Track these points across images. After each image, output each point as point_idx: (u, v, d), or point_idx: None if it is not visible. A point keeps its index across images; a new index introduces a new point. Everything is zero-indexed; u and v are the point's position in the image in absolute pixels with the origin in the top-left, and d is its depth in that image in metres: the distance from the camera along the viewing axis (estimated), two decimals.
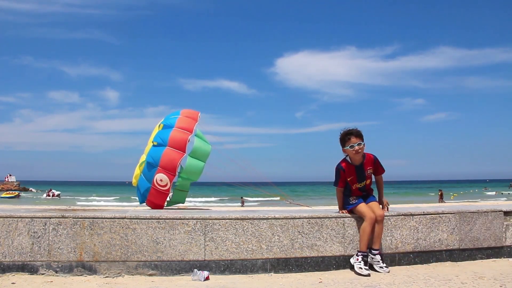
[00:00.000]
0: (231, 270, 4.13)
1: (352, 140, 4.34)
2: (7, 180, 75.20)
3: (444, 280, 3.83)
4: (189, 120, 8.35)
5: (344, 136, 4.42)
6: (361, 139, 4.36)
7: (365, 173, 4.42)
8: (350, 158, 4.43)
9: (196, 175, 8.44)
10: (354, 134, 4.36)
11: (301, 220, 4.27)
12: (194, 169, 8.27)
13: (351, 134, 4.37)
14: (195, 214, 4.24)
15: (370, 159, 4.47)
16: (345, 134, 4.42)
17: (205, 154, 8.39)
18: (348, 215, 4.41)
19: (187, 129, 8.12)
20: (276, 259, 4.20)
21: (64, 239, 4.01)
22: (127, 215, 4.11)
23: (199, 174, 8.41)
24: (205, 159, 8.41)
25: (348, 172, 4.42)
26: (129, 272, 4.03)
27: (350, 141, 4.35)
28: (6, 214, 4.06)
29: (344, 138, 4.41)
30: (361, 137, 4.37)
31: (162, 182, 7.83)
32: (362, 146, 4.35)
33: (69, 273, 3.98)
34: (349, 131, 4.40)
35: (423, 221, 4.54)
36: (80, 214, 4.14)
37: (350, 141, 4.35)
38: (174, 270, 4.07)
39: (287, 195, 13.78)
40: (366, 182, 4.46)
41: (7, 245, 3.97)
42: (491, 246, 4.76)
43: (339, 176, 4.47)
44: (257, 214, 4.30)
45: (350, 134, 4.37)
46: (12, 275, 3.92)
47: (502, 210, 4.84)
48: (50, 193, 53.36)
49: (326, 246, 4.28)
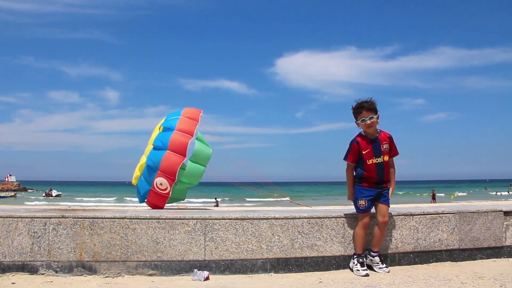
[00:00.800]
0: (231, 270, 4.13)
1: (364, 113, 4.07)
2: (7, 180, 75.23)
3: (444, 280, 3.83)
4: (190, 122, 8.30)
5: (355, 109, 4.15)
6: (373, 112, 4.08)
7: (381, 148, 4.12)
8: (363, 132, 4.17)
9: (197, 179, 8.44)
10: (365, 108, 4.07)
11: (301, 220, 4.27)
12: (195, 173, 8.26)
13: (363, 107, 4.08)
14: (195, 214, 4.24)
15: (386, 135, 4.21)
16: (357, 106, 4.13)
17: (206, 158, 8.37)
18: (348, 214, 4.40)
19: (188, 132, 8.08)
20: (276, 259, 4.19)
21: (64, 239, 4.01)
22: (127, 215, 4.11)
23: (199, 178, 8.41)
24: (206, 162, 8.40)
25: (363, 145, 4.11)
26: (129, 272, 4.03)
27: (361, 115, 4.08)
28: (6, 214, 4.06)
29: (356, 111, 4.14)
30: (374, 110, 4.09)
31: (162, 186, 7.82)
32: (375, 120, 4.08)
33: (69, 273, 3.98)
34: (360, 103, 4.12)
35: (423, 221, 4.53)
36: (80, 214, 4.14)
37: (361, 115, 4.08)
38: (174, 270, 4.07)
39: (287, 195, 13.78)
40: (384, 159, 4.12)
41: (7, 245, 3.97)
42: (491, 246, 4.76)
43: (350, 149, 4.15)
44: (257, 214, 4.30)
45: (362, 107, 4.09)
46: (12, 275, 3.92)
47: (502, 210, 4.84)
48: (51, 192, 53.36)
49: (326, 246, 4.28)
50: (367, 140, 4.13)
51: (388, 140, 4.19)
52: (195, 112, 8.64)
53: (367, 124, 4.07)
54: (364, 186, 4.15)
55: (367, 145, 4.10)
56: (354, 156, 4.14)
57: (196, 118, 8.42)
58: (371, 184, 4.14)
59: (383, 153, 4.12)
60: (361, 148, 4.10)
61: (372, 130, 4.11)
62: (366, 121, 4.06)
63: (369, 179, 4.13)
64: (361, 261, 4.13)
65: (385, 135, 4.20)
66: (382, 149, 4.13)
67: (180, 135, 7.94)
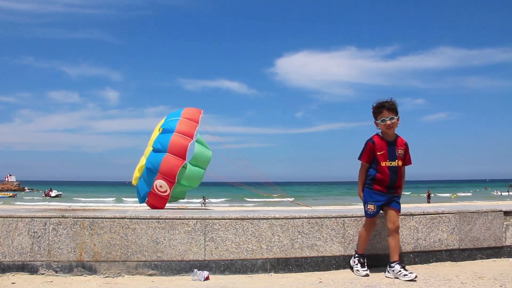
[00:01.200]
0: (231, 270, 4.13)
1: (384, 113, 3.94)
2: (7, 180, 75.25)
3: (444, 280, 3.83)
4: (190, 123, 8.26)
5: (376, 109, 4.02)
6: (394, 113, 3.95)
7: (396, 152, 4.01)
8: (382, 132, 4.05)
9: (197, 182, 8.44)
10: (386, 107, 3.95)
11: (301, 220, 4.27)
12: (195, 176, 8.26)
13: (384, 106, 3.96)
14: (195, 214, 4.24)
15: (402, 141, 4.10)
16: (377, 106, 4.01)
17: (206, 161, 8.37)
18: (348, 214, 4.40)
19: (188, 134, 8.04)
20: (276, 259, 4.19)
21: (64, 239, 4.01)
22: (127, 215, 4.11)
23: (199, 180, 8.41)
24: (206, 165, 8.39)
25: (379, 146, 3.99)
26: (129, 272, 4.03)
27: (382, 114, 3.96)
28: (6, 214, 4.06)
29: (376, 111, 4.01)
30: (395, 111, 3.97)
31: (162, 188, 7.81)
32: (395, 121, 3.96)
33: (69, 273, 3.98)
34: (382, 103, 3.99)
35: (423, 221, 4.53)
36: (80, 214, 4.14)
37: (382, 114, 3.96)
38: (174, 270, 4.07)
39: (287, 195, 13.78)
40: (398, 163, 4.00)
41: (7, 245, 3.97)
42: (491, 246, 4.75)
43: (365, 148, 4.03)
44: (257, 214, 4.30)
45: (383, 107, 3.96)
46: (12, 275, 3.92)
47: (502, 210, 4.84)
48: (49, 193, 53.34)
49: (326, 246, 4.28)
50: (384, 141, 4.01)
51: (404, 147, 4.07)
52: (195, 113, 8.59)
53: (387, 124, 3.95)
54: (375, 189, 4.02)
55: (383, 147, 3.99)
56: (368, 156, 4.02)
57: (196, 120, 8.39)
58: (382, 187, 4.00)
59: (398, 158, 4.01)
60: (376, 148, 3.99)
61: (392, 131, 4.00)
62: (386, 121, 3.94)
63: (382, 182, 4.00)
64: (362, 261, 4.09)
65: (402, 141, 4.09)
66: (397, 153, 4.01)
67: (180, 137, 7.90)
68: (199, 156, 8.20)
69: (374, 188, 4.02)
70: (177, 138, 7.86)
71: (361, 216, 4.39)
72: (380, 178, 3.99)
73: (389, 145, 4.00)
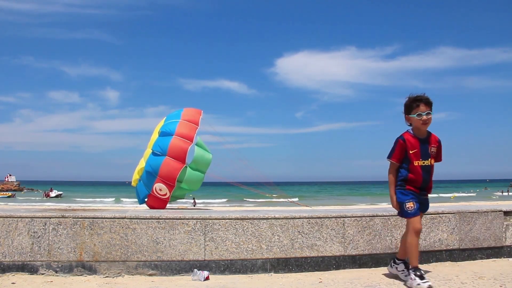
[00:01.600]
0: (231, 270, 4.13)
1: (421, 107, 3.68)
2: (7, 180, 75.26)
3: (444, 280, 3.83)
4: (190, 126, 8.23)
5: (411, 102, 3.75)
6: (430, 108, 3.72)
7: (429, 150, 3.75)
8: (414, 129, 3.78)
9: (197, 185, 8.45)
10: (424, 101, 3.70)
11: (301, 220, 4.27)
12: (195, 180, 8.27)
13: (421, 100, 3.71)
14: (195, 214, 4.24)
15: (435, 138, 3.83)
16: (413, 99, 3.75)
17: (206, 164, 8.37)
18: (348, 214, 4.40)
19: (187, 137, 8.01)
20: (276, 259, 4.20)
21: (64, 239, 4.01)
22: (127, 215, 4.11)
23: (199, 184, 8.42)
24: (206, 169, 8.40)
25: (411, 144, 3.72)
26: (129, 272, 4.03)
27: (418, 109, 3.69)
28: (6, 214, 4.06)
29: (411, 105, 3.74)
30: (431, 106, 3.73)
31: (162, 192, 7.81)
32: (431, 117, 3.71)
33: (69, 273, 3.98)
34: (418, 96, 3.74)
35: (423, 221, 4.52)
36: (80, 214, 4.14)
37: (418, 109, 3.69)
38: (174, 270, 4.07)
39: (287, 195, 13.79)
40: (431, 162, 3.75)
41: (7, 245, 3.97)
42: (491, 246, 4.76)
43: (396, 147, 3.76)
44: (257, 214, 4.30)
45: (420, 101, 3.71)
46: (12, 275, 3.92)
47: (502, 210, 4.85)
48: (50, 192, 53.31)
49: (326, 246, 4.28)
50: (416, 139, 3.74)
51: (437, 144, 3.83)
52: (195, 115, 8.56)
53: (423, 119, 3.67)
54: (408, 189, 3.73)
55: (416, 145, 3.72)
56: (400, 155, 3.74)
57: (196, 121, 8.35)
58: (415, 188, 3.74)
59: (431, 156, 3.77)
60: (408, 146, 3.71)
61: (426, 127, 3.74)
62: (423, 116, 3.67)
63: (414, 183, 3.73)
64: (419, 274, 3.58)
65: (435, 138, 3.84)
66: (430, 151, 3.76)
67: (179, 140, 7.87)
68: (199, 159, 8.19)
69: (407, 188, 3.74)
70: (176, 141, 7.83)
71: (360, 216, 4.40)
72: (413, 178, 3.72)
73: (421, 142, 3.74)
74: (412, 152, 3.70)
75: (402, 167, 3.76)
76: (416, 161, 3.71)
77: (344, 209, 4.92)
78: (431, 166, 3.77)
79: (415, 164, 3.70)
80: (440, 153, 3.86)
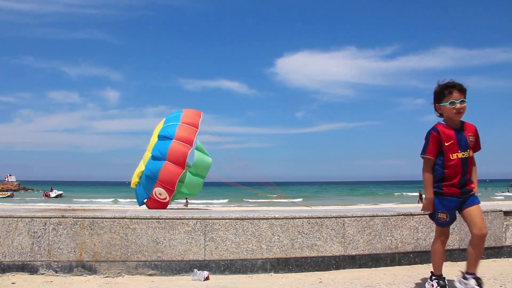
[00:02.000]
0: (231, 270, 4.13)
1: (454, 95, 3.27)
2: (7, 180, 75.28)
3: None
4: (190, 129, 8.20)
5: (442, 89, 3.34)
6: (464, 96, 3.31)
7: (467, 140, 3.33)
8: (446, 119, 3.37)
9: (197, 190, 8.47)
10: (457, 88, 3.29)
11: (301, 220, 4.27)
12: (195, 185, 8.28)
13: (454, 87, 3.29)
14: (195, 214, 4.24)
15: (471, 126, 3.41)
16: (444, 86, 3.34)
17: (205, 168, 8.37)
18: (348, 214, 4.40)
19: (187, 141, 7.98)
20: (276, 259, 4.20)
21: (64, 239, 4.01)
22: (127, 215, 4.12)
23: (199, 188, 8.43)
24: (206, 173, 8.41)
25: (445, 135, 3.29)
26: (129, 272, 4.03)
27: (451, 96, 3.27)
28: (6, 214, 4.06)
29: (443, 92, 3.33)
30: (465, 93, 3.33)
31: (161, 196, 7.80)
32: (465, 106, 3.30)
33: (69, 273, 3.98)
34: (450, 82, 3.34)
35: (423, 221, 4.53)
36: (80, 214, 4.14)
37: (451, 96, 3.27)
38: (174, 270, 4.07)
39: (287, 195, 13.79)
40: (469, 154, 3.33)
41: (7, 245, 3.97)
42: (491, 246, 4.75)
43: (429, 140, 3.32)
44: (257, 214, 4.30)
45: (452, 87, 3.30)
46: (12, 275, 3.92)
47: (502, 210, 4.85)
48: (50, 192, 53.26)
49: (326, 246, 4.28)
50: (451, 129, 3.33)
51: (475, 133, 3.41)
52: (195, 117, 8.53)
53: (456, 108, 3.26)
54: (445, 193, 3.30)
55: (451, 136, 3.30)
56: (435, 149, 3.30)
57: (196, 124, 8.32)
58: (453, 188, 3.29)
59: (470, 146, 3.34)
60: (442, 138, 3.29)
61: (460, 117, 3.33)
62: (456, 104, 3.25)
63: (452, 180, 3.29)
64: (442, 283, 3.39)
65: (470, 126, 3.41)
66: (468, 141, 3.34)
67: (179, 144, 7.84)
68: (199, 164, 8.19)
69: (445, 193, 3.31)
70: (176, 145, 7.80)
71: (360, 216, 4.40)
72: (450, 175, 3.29)
73: (457, 132, 3.32)
74: (448, 144, 3.29)
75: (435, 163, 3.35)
76: (453, 153, 3.28)
77: (344, 209, 4.92)
78: (470, 158, 3.35)
79: (452, 158, 3.28)
80: (479, 142, 3.43)
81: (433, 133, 3.32)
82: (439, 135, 3.30)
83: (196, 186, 8.33)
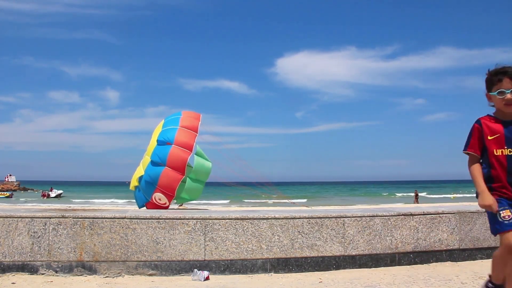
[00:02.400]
0: (231, 270, 4.13)
1: (504, 84, 2.78)
2: (7, 180, 75.29)
3: (444, 280, 3.83)
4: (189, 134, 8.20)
5: (492, 76, 2.86)
6: None
7: None
8: (496, 111, 2.89)
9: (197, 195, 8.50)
10: (509, 75, 2.79)
11: (301, 220, 4.27)
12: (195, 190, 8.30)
13: (505, 73, 2.80)
14: (195, 214, 4.24)
15: None
16: (494, 72, 2.86)
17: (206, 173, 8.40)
18: (348, 214, 4.40)
19: (187, 146, 7.98)
20: (276, 259, 4.19)
21: (64, 239, 4.01)
22: (127, 215, 4.12)
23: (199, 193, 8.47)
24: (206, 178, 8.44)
25: (489, 128, 2.83)
26: (129, 272, 4.03)
27: (500, 84, 2.79)
28: (6, 214, 4.06)
29: (492, 79, 2.85)
30: None
31: (161, 201, 7.82)
32: None
33: (69, 273, 3.98)
34: (502, 68, 2.84)
35: (423, 221, 4.53)
36: (80, 214, 4.14)
37: (500, 84, 2.79)
38: (174, 270, 4.07)
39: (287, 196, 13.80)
40: None
41: (7, 245, 3.97)
42: (491, 246, 4.75)
43: (471, 134, 2.89)
44: (257, 214, 4.30)
45: (504, 74, 2.80)
46: (12, 275, 3.92)
47: None
48: (50, 192, 53.24)
49: (326, 246, 4.28)
50: (499, 122, 2.85)
51: None
52: (194, 120, 8.52)
53: (506, 99, 2.77)
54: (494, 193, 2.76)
55: (497, 129, 2.83)
56: (478, 143, 2.86)
57: (195, 128, 8.31)
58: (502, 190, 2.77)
59: None
60: (485, 132, 2.84)
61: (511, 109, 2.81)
62: (506, 94, 2.76)
63: (500, 182, 2.78)
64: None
65: None
66: None
67: (179, 150, 7.84)
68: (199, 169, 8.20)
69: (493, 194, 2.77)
70: (176, 150, 7.80)
71: (360, 216, 4.40)
72: (497, 175, 2.80)
73: (505, 126, 2.83)
74: (491, 139, 2.83)
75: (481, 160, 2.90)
76: (498, 149, 2.80)
77: (344, 209, 4.92)
78: None
79: (497, 154, 2.80)
80: None
81: (475, 126, 2.89)
82: (481, 128, 2.86)
83: (196, 192, 8.37)
